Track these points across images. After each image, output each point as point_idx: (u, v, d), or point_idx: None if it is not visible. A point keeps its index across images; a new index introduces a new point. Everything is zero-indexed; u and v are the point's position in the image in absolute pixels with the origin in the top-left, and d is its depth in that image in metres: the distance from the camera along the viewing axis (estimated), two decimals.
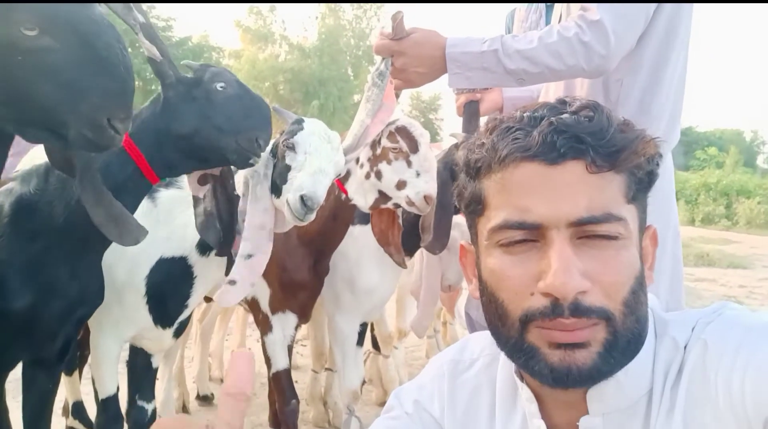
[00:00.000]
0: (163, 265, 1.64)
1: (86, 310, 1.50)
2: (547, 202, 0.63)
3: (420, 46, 1.39)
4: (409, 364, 3.39)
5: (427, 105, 31.33)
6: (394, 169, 1.79)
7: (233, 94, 1.40)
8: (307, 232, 1.96)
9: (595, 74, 1.37)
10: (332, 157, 1.54)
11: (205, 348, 2.98)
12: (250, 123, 1.41)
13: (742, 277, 7.02)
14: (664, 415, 0.65)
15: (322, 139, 1.54)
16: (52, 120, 1.02)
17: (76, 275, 1.40)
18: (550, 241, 0.63)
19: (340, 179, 1.91)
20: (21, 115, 1.03)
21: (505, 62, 1.33)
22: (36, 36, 0.97)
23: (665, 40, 1.41)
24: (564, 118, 0.64)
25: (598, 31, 1.28)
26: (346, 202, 1.90)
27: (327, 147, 1.54)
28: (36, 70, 0.98)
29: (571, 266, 0.61)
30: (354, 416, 2.24)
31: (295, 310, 2.06)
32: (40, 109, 1.01)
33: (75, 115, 1.01)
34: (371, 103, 1.54)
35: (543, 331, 0.63)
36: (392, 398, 0.86)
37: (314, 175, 1.48)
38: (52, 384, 1.56)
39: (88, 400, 2.15)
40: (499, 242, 0.67)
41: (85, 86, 1.01)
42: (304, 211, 1.47)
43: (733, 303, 0.71)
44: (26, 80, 0.99)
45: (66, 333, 1.48)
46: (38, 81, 0.99)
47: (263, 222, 1.56)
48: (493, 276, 0.68)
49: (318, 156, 1.51)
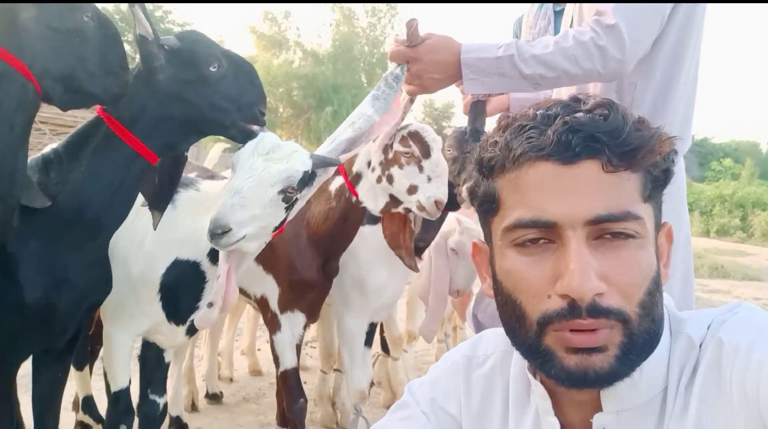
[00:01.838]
0: (178, 266, 1.66)
1: (96, 298, 1.52)
2: (562, 201, 0.62)
3: (435, 52, 1.39)
4: (418, 368, 3.38)
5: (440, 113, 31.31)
6: (405, 174, 1.79)
7: (227, 74, 1.43)
8: (317, 232, 1.97)
9: (611, 78, 1.37)
10: (256, 172, 1.41)
11: (214, 347, 3.00)
12: (248, 98, 1.47)
13: (757, 290, 6.93)
14: (678, 413, 0.64)
15: (256, 153, 1.43)
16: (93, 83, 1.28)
17: (84, 265, 1.43)
18: (566, 242, 0.62)
19: (351, 181, 1.91)
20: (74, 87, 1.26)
21: (521, 67, 1.33)
22: (88, 20, 1.26)
23: (679, 44, 1.41)
24: (579, 117, 0.63)
25: (614, 35, 1.28)
26: (357, 204, 1.91)
27: (255, 160, 1.42)
28: (89, 46, 1.26)
29: (588, 267, 0.60)
30: (361, 416, 2.24)
31: (304, 309, 2.07)
32: (90, 77, 1.28)
33: (110, 77, 1.31)
34: (382, 101, 1.51)
35: (560, 335, 0.63)
36: (406, 393, 0.85)
37: (224, 195, 1.40)
38: (62, 372, 1.59)
39: (99, 395, 2.16)
40: (513, 241, 0.66)
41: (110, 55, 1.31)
42: (209, 237, 1.38)
43: (748, 303, 0.70)
44: (82, 56, 1.26)
45: (76, 322, 1.50)
46: (90, 55, 1.27)
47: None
48: (508, 277, 0.67)
49: (237, 173, 1.42)
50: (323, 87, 24.24)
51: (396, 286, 2.24)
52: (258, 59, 25.55)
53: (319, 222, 1.98)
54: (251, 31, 26.16)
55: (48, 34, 1.20)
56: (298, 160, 1.46)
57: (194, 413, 2.75)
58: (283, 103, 25.04)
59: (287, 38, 26.62)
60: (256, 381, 3.25)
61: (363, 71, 27.97)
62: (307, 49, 26.73)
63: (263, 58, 25.46)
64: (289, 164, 1.43)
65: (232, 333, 3.29)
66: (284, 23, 26.51)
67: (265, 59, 25.30)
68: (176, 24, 21.84)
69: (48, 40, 1.20)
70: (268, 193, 1.41)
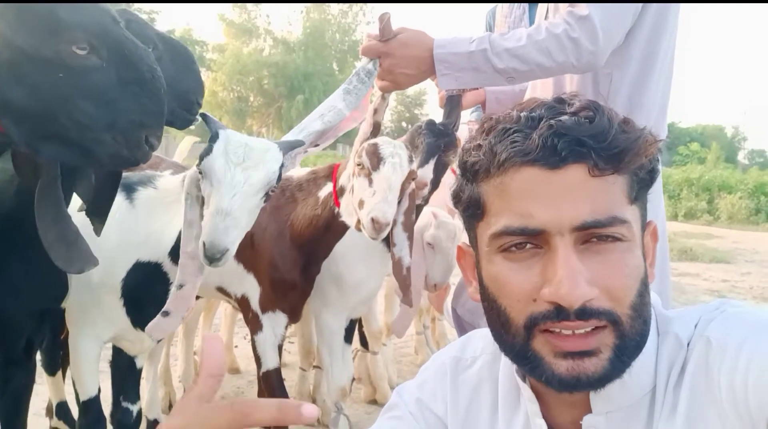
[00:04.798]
0: (138, 269, 1.59)
1: (45, 305, 1.46)
2: (549, 207, 0.62)
3: (407, 48, 1.38)
4: (397, 361, 3.39)
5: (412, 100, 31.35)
6: (358, 186, 1.70)
7: (163, 57, 1.33)
8: (300, 235, 1.94)
9: (584, 70, 1.37)
10: (239, 187, 1.34)
11: (189, 346, 2.94)
12: (185, 85, 1.39)
13: (725, 272, 7.10)
14: (668, 413, 0.65)
15: (230, 162, 1.35)
16: (86, 137, 1.04)
17: (31, 272, 1.35)
18: (553, 248, 0.62)
19: (338, 192, 1.86)
20: (45, 131, 1.03)
21: (495, 61, 1.32)
22: (85, 55, 0.99)
23: (653, 35, 1.42)
24: (564, 120, 0.63)
25: (587, 27, 1.29)
26: (339, 216, 1.85)
27: (234, 173, 1.34)
28: (79, 87, 1.00)
29: (577, 274, 0.60)
30: (342, 414, 2.23)
31: (286, 310, 2.04)
32: (77, 126, 1.02)
33: (114, 132, 1.03)
34: (353, 96, 1.46)
35: (549, 338, 0.62)
36: (394, 396, 0.85)
37: (212, 217, 1.31)
38: (26, 380, 1.53)
39: (73, 400, 2.11)
40: (500, 248, 0.66)
41: (129, 106, 1.04)
42: (207, 262, 1.32)
43: (735, 300, 0.71)
44: (65, 97, 1.00)
45: (28, 331, 1.44)
46: (80, 98, 1.01)
47: (194, 251, 1.41)
48: (495, 283, 0.67)
49: (219, 190, 1.33)
50: (294, 75, 24.05)
51: (374, 281, 2.22)
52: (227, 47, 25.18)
53: (303, 226, 1.93)
54: (220, 19, 25.76)
55: (18, 59, 0.97)
56: (272, 159, 1.40)
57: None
58: (253, 91, 24.76)
59: (257, 26, 26.28)
60: (234, 379, 3.21)
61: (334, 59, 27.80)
62: (278, 36, 26.42)
63: (233, 46, 25.10)
64: (267, 168, 1.37)
65: (207, 331, 3.24)
66: (254, 11, 26.13)
67: (234, 47, 24.96)
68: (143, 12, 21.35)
69: (16, 65, 0.97)
70: (254, 202, 1.37)
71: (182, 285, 1.42)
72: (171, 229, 1.54)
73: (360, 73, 1.44)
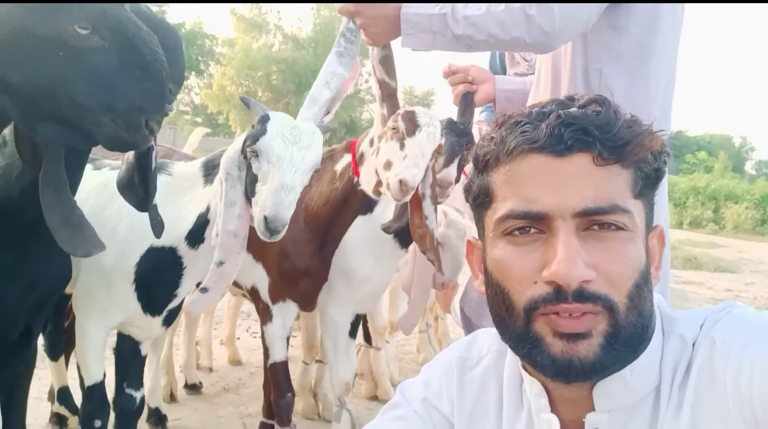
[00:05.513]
0: (152, 254, 1.60)
1: (46, 292, 1.44)
2: (553, 193, 0.64)
3: (376, 7, 1.44)
4: (399, 359, 3.38)
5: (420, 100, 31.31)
6: (387, 148, 1.72)
7: None
8: (317, 215, 1.92)
9: (538, 50, 1.40)
10: (298, 164, 1.42)
11: (191, 336, 2.94)
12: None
13: (729, 281, 7.08)
14: (672, 413, 0.65)
15: (287, 141, 1.42)
16: (85, 118, 1.02)
17: (27, 259, 1.33)
18: (555, 232, 0.64)
19: (357, 161, 1.86)
20: (43, 110, 1.01)
21: (453, 27, 1.35)
22: (87, 35, 0.97)
23: (646, 32, 1.40)
24: (572, 112, 0.65)
25: (545, 8, 1.29)
26: (357, 186, 1.84)
27: (293, 151, 1.42)
28: (80, 68, 0.99)
29: (576, 255, 0.62)
30: (345, 409, 2.22)
31: (296, 298, 2.02)
32: (75, 107, 1.01)
33: (114, 114, 1.02)
34: (347, 57, 1.55)
35: (548, 319, 0.64)
36: (398, 394, 0.85)
37: (276, 193, 1.38)
38: (25, 366, 1.51)
39: (75, 385, 2.11)
40: (504, 232, 0.67)
41: (130, 89, 1.02)
42: (268, 234, 1.39)
43: (740, 302, 0.72)
44: (66, 77, 0.99)
45: (26, 318, 1.42)
46: (79, 79, 0.99)
47: (236, 229, 1.47)
48: (498, 266, 0.68)
49: (281, 167, 1.40)
50: (303, 71, 24.02)
51: (383, 276, 2.20)
52: (237, 42, 25.21)
53: (320, 204, 1.91)
54: (231, 13, 25.74)
55: (17, 35, 0.96)
56: (318, 141, 1.50)
57: (173, 404, 2.70)
58: (262, 87, 24.76)
59: (267, 21, 26.27)
60: (236, 371, 3.21)
61: None
62: (288, 32, 26.42)
63: (243, 41, 25.11)
64: (317, 149, 1.47)
65: (210, 321, 3.24)
66: (264, 6, 26.13)
67: (244, 42, 24.97)
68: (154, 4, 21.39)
69: (16, 41, 0.96)
70: (306, 181, 1.47)
71: (222, 262, 1.47)
72: (187, 213, 1.56)
73: (345, 33, 1.53)
